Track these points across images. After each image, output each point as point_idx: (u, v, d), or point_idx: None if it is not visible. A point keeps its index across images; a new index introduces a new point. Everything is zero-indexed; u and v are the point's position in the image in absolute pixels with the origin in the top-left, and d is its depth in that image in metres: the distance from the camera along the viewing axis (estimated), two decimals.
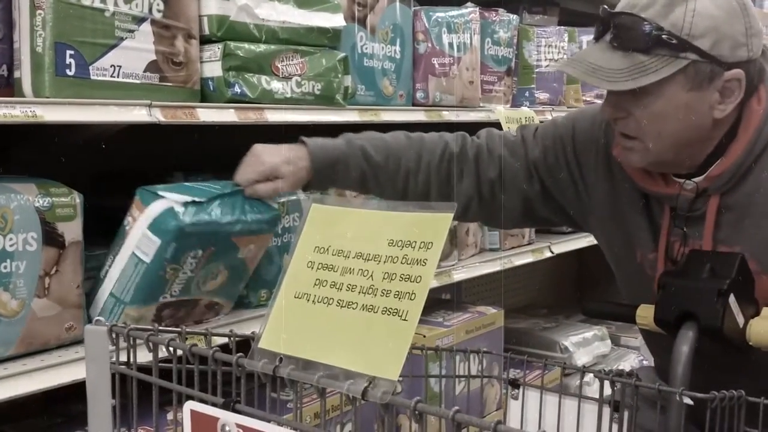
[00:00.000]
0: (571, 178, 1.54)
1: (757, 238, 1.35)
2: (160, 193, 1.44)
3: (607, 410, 1.22)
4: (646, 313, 1.42)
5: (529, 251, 2.64)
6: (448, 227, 0.71)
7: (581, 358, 2.80)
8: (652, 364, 1.70)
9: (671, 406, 1.15)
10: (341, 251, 0.76)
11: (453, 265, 2.32)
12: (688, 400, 1.12)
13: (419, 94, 2.16)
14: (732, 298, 1.28)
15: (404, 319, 0.69)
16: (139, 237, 1.43)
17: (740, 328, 1.30)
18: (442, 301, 2.58)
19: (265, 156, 1.51)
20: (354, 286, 0.73)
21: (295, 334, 0.75)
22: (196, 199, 1.44)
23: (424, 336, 2.10)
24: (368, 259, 0.74)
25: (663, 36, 1.25)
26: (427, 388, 2.10)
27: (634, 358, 3.04)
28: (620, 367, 2.89)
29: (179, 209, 1.42)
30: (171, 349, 0.90)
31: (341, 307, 0.73)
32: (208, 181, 1.54)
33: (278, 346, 0.75)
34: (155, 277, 1.44)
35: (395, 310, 0.69)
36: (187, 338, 1.28)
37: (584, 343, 2.85)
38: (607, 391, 1.19)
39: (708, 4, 1.26)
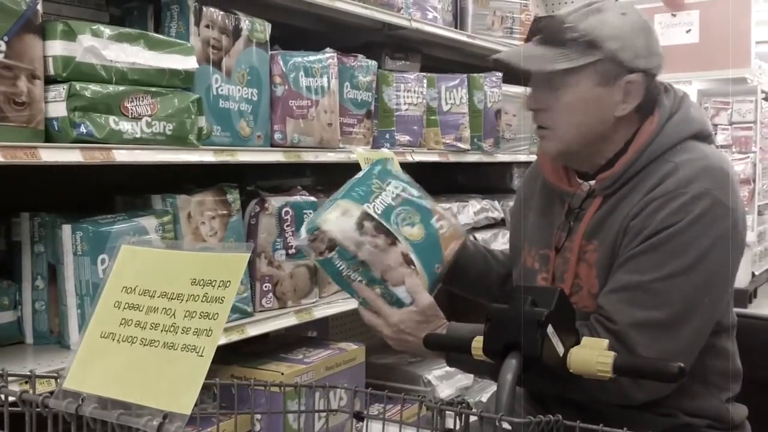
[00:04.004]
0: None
1: (606, 237, 1.56)
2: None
3: None
4: (479, 345, 1.51)
5: None
6: (244, 267, 0.75)
7: (444, 391, 2.88)
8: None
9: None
10: (147, 291, 0.79)
11: (314, 302, 2.36)
12: (506, 425, 1.20)
13: (277, 136, 2.20)
14: (551, 329, 1.37)
15: (200, 355, 0.72)
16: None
17: (560, 356, 1.40)
18: (306, 338, 2.60)
19: None
20: (157, 325, 0.76)
21: (100, 373, 0.77)
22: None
23: (282, 374, 2.12)
24: (172, 298, 0.77)
25: (576, 35, 1.54)
26: (285, 425, 2.11)
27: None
28: (481, 399, 2.99)
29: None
30: None
31: (144, 345, 0.76)
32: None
33: (83, 385, 0.77)
34: (364, 180, 1.65)
35: (193, 347, 0.73)
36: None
37: (447, 377, 2.93)
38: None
39: (615, 19, 1.56)
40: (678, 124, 1.59)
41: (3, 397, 0.89)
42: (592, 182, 1.62)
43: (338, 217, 1.58)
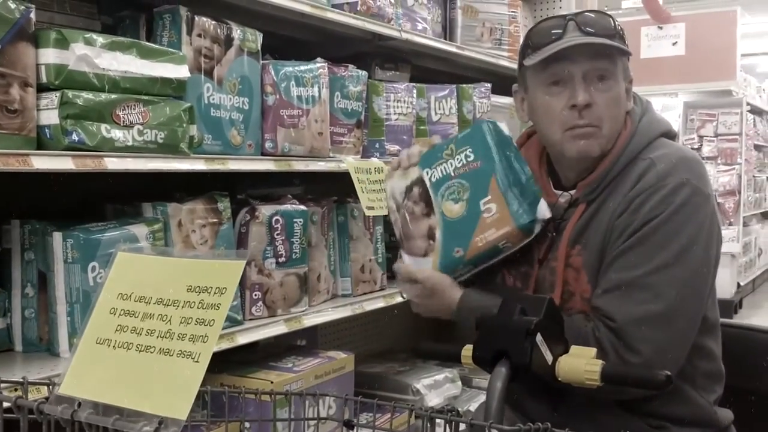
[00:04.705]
0: None
1: (591, 240, 1.59)
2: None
3: None
4: (469, 353, 1.52)
5: (380, 296, 2.71)
6: (240, 274, 0.76)
7: (433, 400, 2.88)
8: None
9: None
10: (143, 297, 0.80)
11: (303, 311, 2.36)
12: None
13: (268, 144, 2.21)
14: (539, 337, 1.39)
15: (196, 361, 0.73)
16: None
17: (549, 365, 1.42)
18: (295, 347, 2.61)
19: None
20: (153, 331, 0.77)
21: (96, 378, 0.78)
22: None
23: (272, 382, 2.12)
24: (168, 305, 0.78)
25: (619, 28, 1.61)
26: None
27: (484, 399, 3.15)
28: (469, 408, 3.00)
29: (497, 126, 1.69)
30: None
31: (140, 351, 0.76)
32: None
33: (78, 391, 0.78)
34: (440, 145, 1.70)
35: (189, 353, 0.73)
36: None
37: (435, 386, 2.94)
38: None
39: None
40: (649, 124, 1.64)
41: None
42: (572, 191, 1.65)
43: (399, 177, 1.73)
